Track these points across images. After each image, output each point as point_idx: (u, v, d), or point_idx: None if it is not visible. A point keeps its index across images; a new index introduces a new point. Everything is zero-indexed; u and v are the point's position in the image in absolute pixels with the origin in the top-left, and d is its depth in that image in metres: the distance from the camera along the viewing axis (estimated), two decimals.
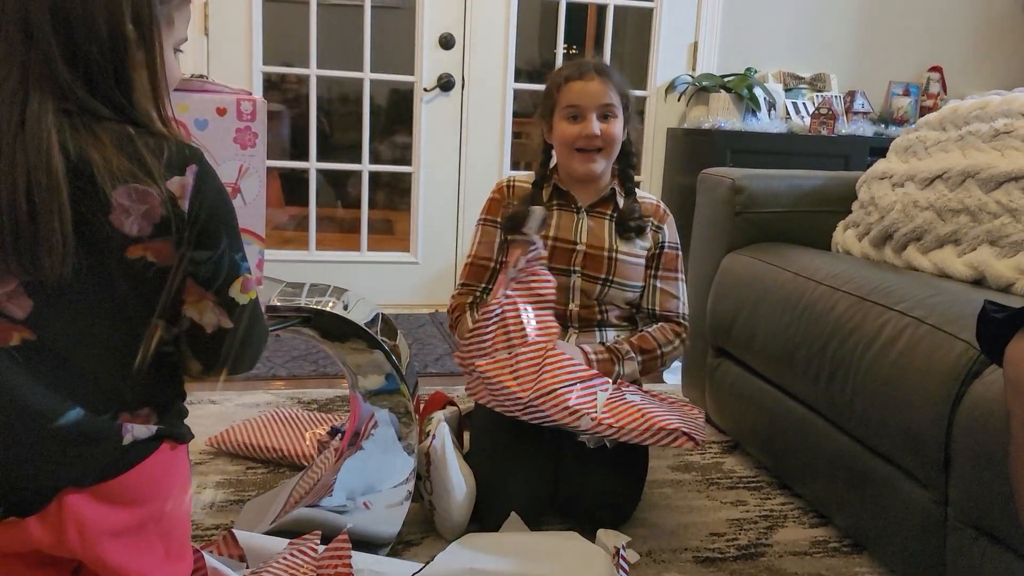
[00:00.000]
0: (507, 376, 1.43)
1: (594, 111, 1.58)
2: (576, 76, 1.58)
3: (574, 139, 1.59)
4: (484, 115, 3.14)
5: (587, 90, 1.57)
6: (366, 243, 3.19)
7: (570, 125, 1.59)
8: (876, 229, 1.80)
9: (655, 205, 1.70)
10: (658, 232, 1.67)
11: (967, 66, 3.50)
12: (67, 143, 0.79)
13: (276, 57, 3.17)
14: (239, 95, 1.52)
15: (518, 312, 1.48)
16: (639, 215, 1.65)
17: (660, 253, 1.67)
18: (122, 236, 0.81)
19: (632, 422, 1.39)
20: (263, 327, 0.98)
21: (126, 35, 0.82)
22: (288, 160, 3.60)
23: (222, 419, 1.97)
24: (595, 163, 1.61)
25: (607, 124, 1.59)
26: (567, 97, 1.59)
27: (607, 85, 1.57)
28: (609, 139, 1.59)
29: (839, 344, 1.47)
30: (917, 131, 1.92)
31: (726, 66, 3.28)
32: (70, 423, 0.81)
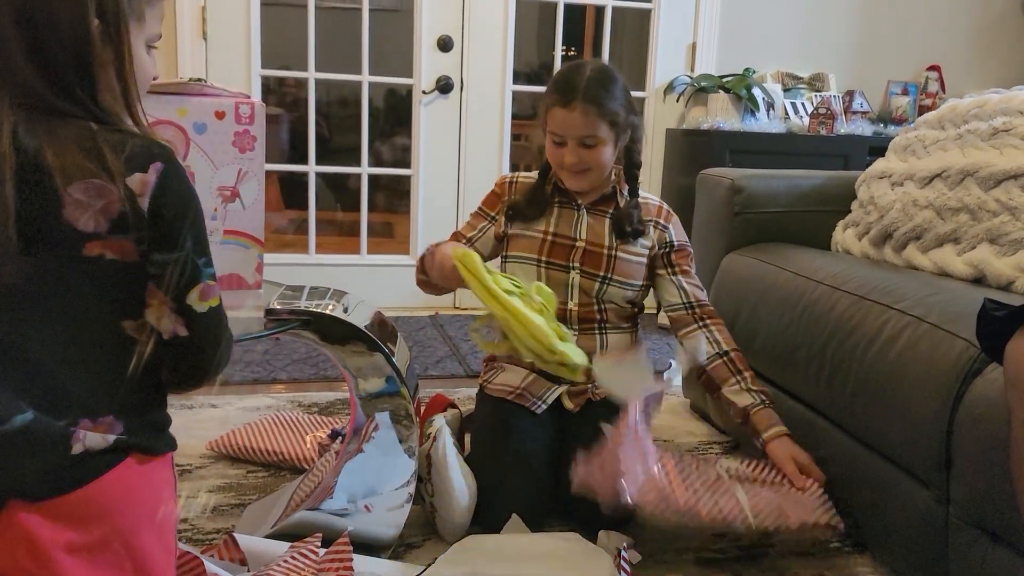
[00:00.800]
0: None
1: (575, 140, 1.56)
2: (561, 103, 1.54)
3: (558, 162, 1.60)
4: (483, 118, 3.14)
5: (569, 121, 1.54)
6: (366, 246, 3.20)
7: (555, 148, 1.59)
8: (876, 228, 1.80)
9: (658, 206, 1.69)
10: (664, 232, 1.66)
11: (966, 65, 3.50)
12: (21, 139, 0.77)
13: (275, 60, 3.17)
14: (238, 99, 1.52)
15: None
16: (638, 219, 1.64)
17: (671, 252, 1.66)
18: (76, 232, 0.79)
19: (776, 520, 1.36)
20: (225, 338, 0.93)
21: (89, 30, 0.80)
22: (287, 163, 3.59)
23: (222, 423, 1.97)
24: (581, 181, 1.61)
25: (589, 151, 1.57)
26: (552, 122, 1.57)
27: (591, 116, 1.53)
28: (591, 164, 1.58)
29: (839, 343, 1.47)
30: (916, 130, 1.92)
31: (724, 66, 3.28)
32: (16, 428, 0.77)
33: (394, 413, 1.43)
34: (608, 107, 1.54)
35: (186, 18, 2.82)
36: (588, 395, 1.65)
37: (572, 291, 1.62)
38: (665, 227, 1.67)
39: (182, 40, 2.83)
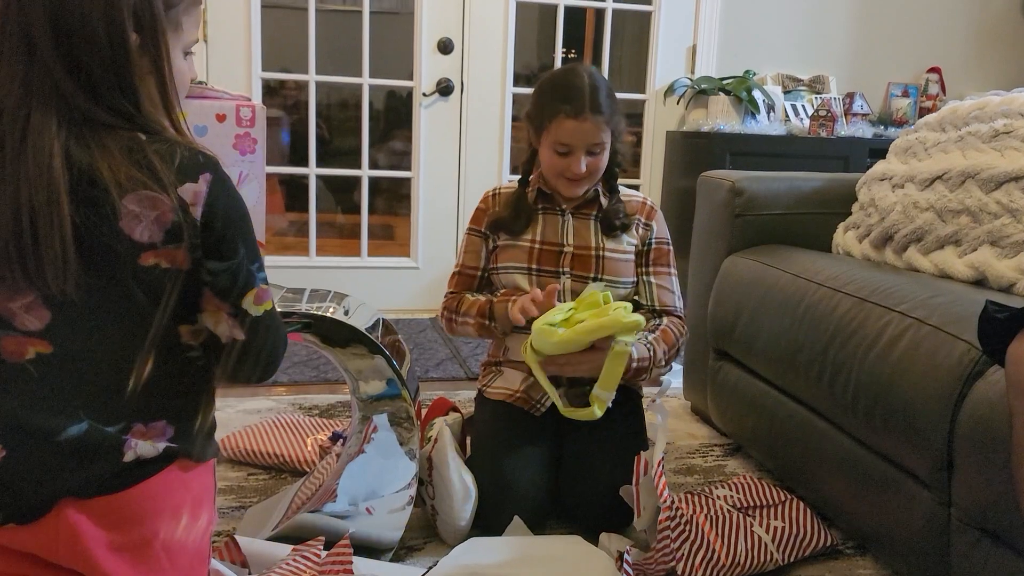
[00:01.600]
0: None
1: (583, 149, 1.55)
2: (572, 115, 1.52)
3: (561, 171, 1.58)
4: (483, 120, 3.15)
5: (581, 131, 1.53)
6: (366, 248, 3.20)
7: (558, 158, 1.57)
8: (877, 230, 1.80)
9: (641, 202, 1.69)
10: (647, 230, 1.67)
11: (966, 67, 3.50)
12: (73, 155, 0.79)
13: (275, 63, 3.18)
14: (238, 101, 1.52)
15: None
16: (624, 214, 1.65)
17: (650, 248, 1.66)
18: (133, 243, 0.81)
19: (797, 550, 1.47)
20: (279, 338, 0.97)
21: (127, 43, 0.81)
22: (288, 166, 3.59)
23: (224, 426, 1.96)
24: (581, 188, 1.61)
25: (595, 158, 1.57)
26: (559, 133, 1.54)
27: (600, 124, 1.53)
28: (595, 170, 1.59)
29: (841, 345, 1.47)
30: (916, 132, 1.93)
31: (725, 69, 3.28)
32: (72, 437, 0.81)
33: (394, 415, 1.43)
34: (609, 113, 1.55)
35: None
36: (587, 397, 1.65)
37: (565, 296, 1.62)
38: (648, 225, 1.67)
39: None
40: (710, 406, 2.02)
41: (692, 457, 1.91)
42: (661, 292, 1.66)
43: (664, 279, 1.66)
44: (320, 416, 2.05)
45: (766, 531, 1.46)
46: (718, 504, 1.55)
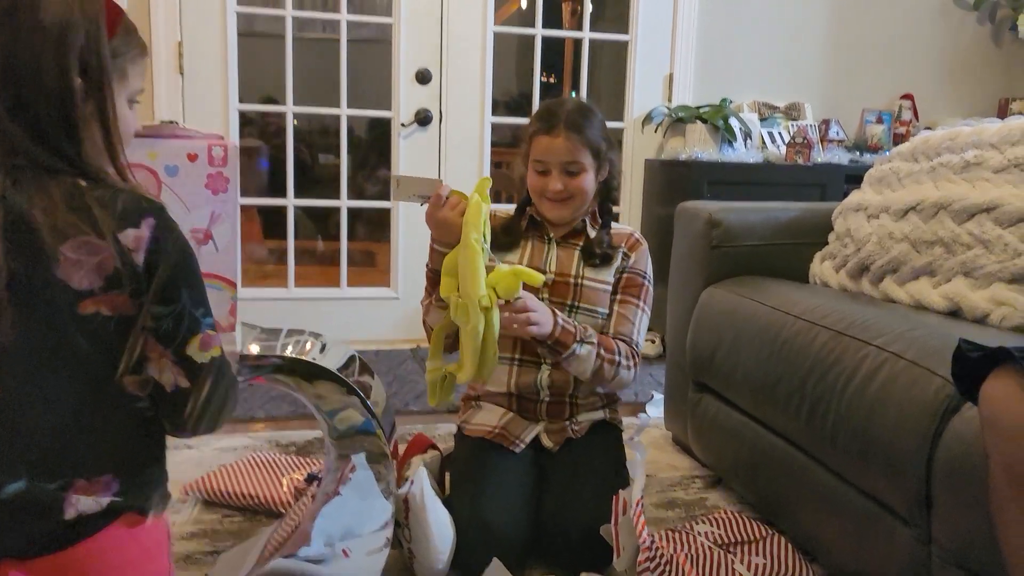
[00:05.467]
0: None
1: (559, 168, 1.58)
2: (545, 131, 1.58)
3: (542, 190, 1.62)
4: (462, 149, 3.15)
5: (552, 148, 1.57)
6: (346, 279, 3.18)
7: (538, 177, 1.61)
8: (853, 261, 1.81)
9: (628, 234, 1.70)
10: (626, 259, 1.67)
11: (938, 93, 3.55)
12: (9, 199, 0.77)
13: (253, 91, 3.16)
14: (211, 140, 1.51)
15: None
16: (608, 244, 1.65)
17: (622, 277, 1.66)
18: (71, 291, 0.79)
19: None
20: (228, 386, 0.94)
21: (73, 88, 0.81)
22: (267, 194, 3.58)
23: (199, 465, 1.94)
24: (564, 210, 1.63)
25: (573, 179, 1.59)
26: (536, 150, 1.60)
27: (575, 142, 1.56)
28: (575, 191, 1.60)
29: (819, 379, 1.47)
30: (890, 162, 1.94)
31: (702, 97, 3.31)
32: (11, 495, 0.78)
33: (370, 455, 1.41)
34: (589, 135, 1.58)
35: (162, 53, 2.82)
36: (568, 433, 1.64)
37: None
38: (627, 255, 1.67)
39: (158, 76, 2.82)
40: (691, 438, 2.01)
41: (674, 490, 1.89)
42: (619, 321, 1.64)
43: (628, 309, 1.65)
44: (297, 453, 2.02)
45: (747, 568, 1.45)
46: (699, 541, 1.54)
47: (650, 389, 2.69)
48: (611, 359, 1.56)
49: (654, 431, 2.30)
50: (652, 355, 3.09)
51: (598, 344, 1.54)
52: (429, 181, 1.50)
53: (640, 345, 1.66)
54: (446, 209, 1.48)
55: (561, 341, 1.50)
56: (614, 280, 1.66)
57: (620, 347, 1.59)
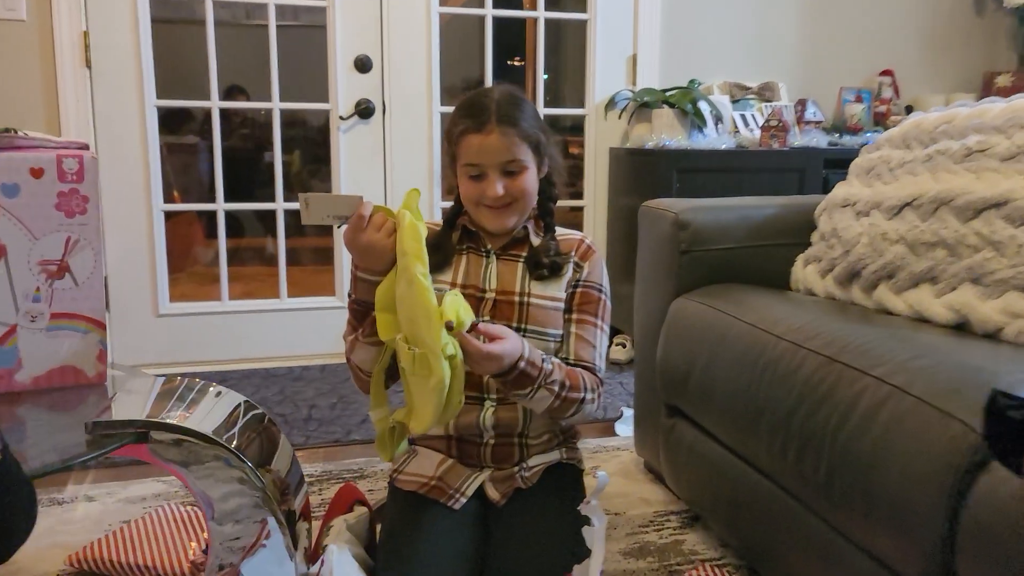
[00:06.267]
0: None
1: (496, 169, 1.34)
2: (474, 128, 1.33)
3: (478, 198, 1.37)
4: (409, 143, 2.88)
5: (486, 147, 1.32)
6: (285, 290, 2.90)
7: (472, 183, 1.36)
8: (841, 265, 1.58)
9: (578, 240, 1.45)
10: (577, 270, 1.42)
11: (919, 68, 3.33)
12: None
13: (175, 87, 2.87)
14: (63, 150, 1.23)
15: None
16: (555, 251, 1.41)
17: (575, 292, 1.42)
18: None
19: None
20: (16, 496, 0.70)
21: None
22: (207, 198, 3.29)
23: (97, 523, 1.67)
24: (506, 218, 1.39)
25: (514, 180, 1.35)
26: (466, 153, 1.34)
27: (511, 137, 1.32)
28: (517, 194, 1.36)
29: (808, 414, 1.23)
30: (879, 150, 1.70)
31: (668, 79, 3.07)
32: None
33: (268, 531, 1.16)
34: (525, 127, 1.34)
35: (65, 44, 2.52)
36: (516, 483, 1.39)
37: None
38: (579, 266, 1.43)
39: (62, 69, 2.52)
40: (664, 467, 1.77)
41: (646, 531, 1.66)
42: (579, 344, 1.40)
43: (586, 330, 1.41)
44: None
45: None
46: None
47: (619, 403, 2.45)
48: (575, 398, 1.32)
49: (624, 455, 2.06)
50: (623, 360, 2.85)
51: (561, 385, 1.30)
52: (347, 199, 1.25)
53: (603, 370, 1.42)
54: (370, 231, 1.23)
55: (526, 373, 1.25)
56: (566, 296, 1.41)
57: (586, 381, 1.35)
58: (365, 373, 1.35)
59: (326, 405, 2.44)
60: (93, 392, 1.23)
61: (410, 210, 1.23)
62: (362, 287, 1.30)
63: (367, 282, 1.28)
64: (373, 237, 1.23)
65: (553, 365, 1.30)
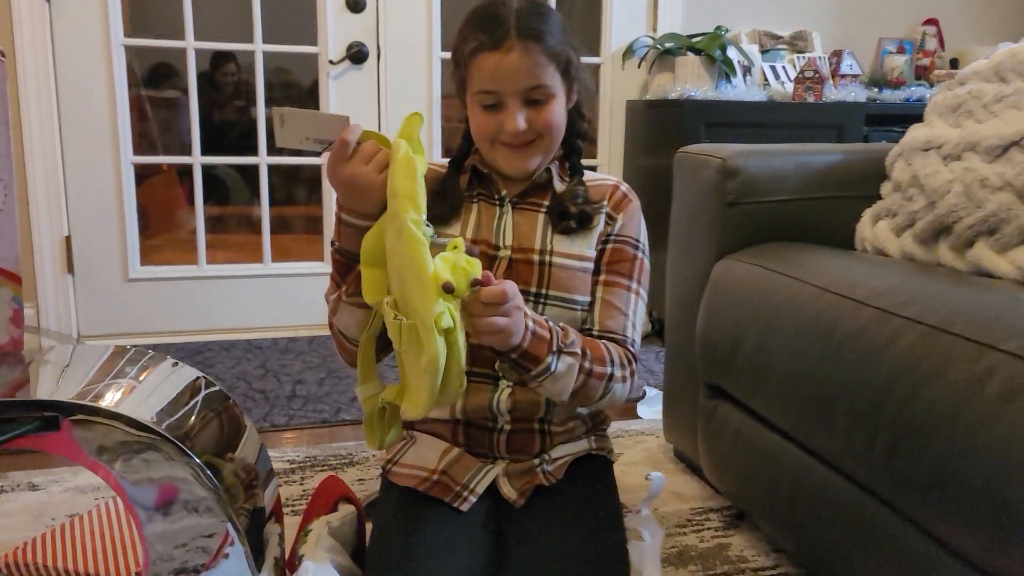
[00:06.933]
0: None
1: (517, 96, 1.07)
2: (490, 46, 1.06)
3: (494, 133, 1.10)
4: (405, 91, 2.60)
5: (504, 68, 1.06)
6: (269, 254, 2.64)
7: (487, 115, 1.10)
8: (924, 219, 1.32)
9: (611, 186, 1.20)
10: (610, 223, 1.17)
11: (966, 18, 3.05)
12: None
13: (153, 28, 2.58)
14: None
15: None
16: (583, 198, 1.15)
17: (607, 247, 1.16)
18: None
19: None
20: None
21: None
22: (178, 154, 3.00)
23: (38, 516, 1.43)
24: (528, 159, 1.13)
25: (539, 110, 1.09)
26: (479, 78, 1.08)
27: (534, 55, 1.06)
28: (542, 128, 1.10)
29: (906, 400, 0.98)
30: (964, 85, 1.44)
31: (691, 25, 2.78)
32: None
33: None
34: (551, 42, 1.07)
35: None
36: (538, 478, 1.14)
37: None
38: (612, 218, 1.17)
39: (17, 1, 2.24)
40: (702, 455, 1.52)
41: (683, 532, 1.41)
42: (606, 311, 1.14)
43: (616, 294, 1.15)
44: None
45: None
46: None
47: (639, 381, 2.20)
48: (600, 372, 1.06)
49: (649, 441, 1.81)
50: (643, 332, 2.60)
51: (582, 352, 1.04)
52: (330, 118, 1.00)
53: (637, 344, 1.16)
54: (356, 162, 0.97)
55: (530, 353, 0.99)
56: (596, 254, 1.16)
57: (612, 352, 1.09)
58: (351, 341, 1.10)
59: (313, 381, 2.19)
60: (3, 362, 0.97)
61: (408, 140, 0.98)
62: (347, 233, 1.04)
63: (352, 227, 1.03)
64: (359, 170, 0.97)
65: (565, 329, 1.04)
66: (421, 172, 0.95)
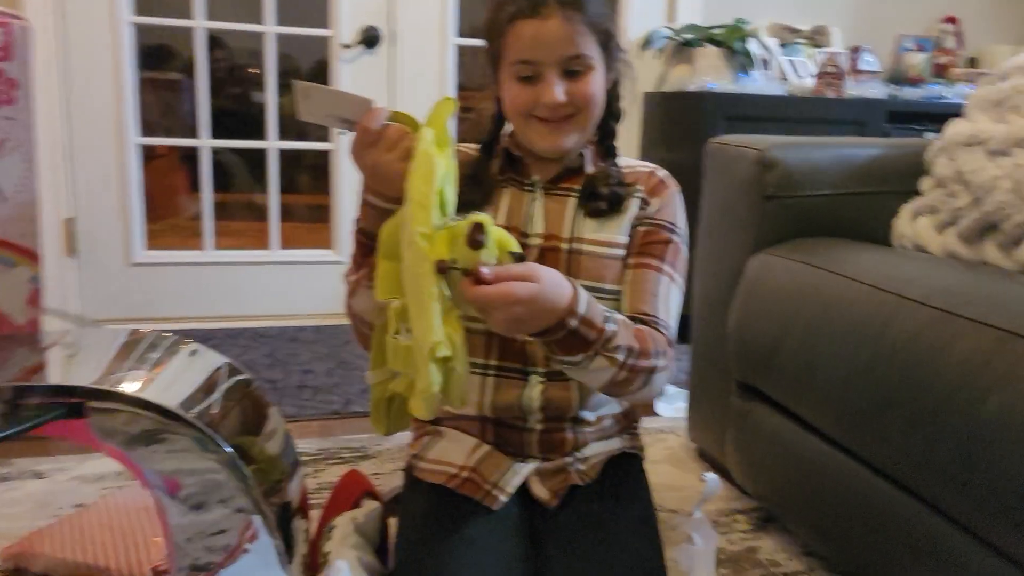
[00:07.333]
0: None
1: (556, 67, 1.02)
2: (528, 12, 1.00)
3: (530, 107, 1.04)
4: (420, 78, 2.55)
5: (543, 36, 1.00)
6: (278, 239, 2.58)
7: (523, 88, 1.03)
8: (970, 217, 1.27)
9: (648, 172, 1.13)
10: (645, 208, 1.10)
11: (986, 16, 3.01)
12: None
13: (147, 8, 2.51)
14: None
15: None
16: (617, 181, 1.09)
17: (638, 230, 1.09)
18: None
19: None
20: None
21: None
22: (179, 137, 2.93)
23: (44, 506, 1.38)
24: (564, 135, 1.06)
25: (577, 82, 1.03)
26: (516, 47, 1.02)
27: (575, 23, 1.00)
28: (583, 102, 1.04)
29: (973, 404, 0.93)
30: (1006, 80, 1.39)
31: (711, 17, 2.73)
32: None
33: None
34: (594, 12, 1.01)
35: None
36: (571, 478, 1.09)
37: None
38: (647, 202, 1.11)
39: None
40: (730, 457, 1.48)
41: None
42: (637, 293, 1.06)
43: (647, 276, 1.07)
44: None
45: None
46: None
47: None
48: (644, 367, 0.99)
49: (670, 439, 1.77)
50: None
51: (629, 348, 0.97)
52: (354, 99, 0.94)
53: (673, 330, 1.10)
54: (380, 149, 0.92)
55: (579, 334, 0.91)
56: (628, 239, 1.10)
57: (655, 340, 1.02)
58: (366, 325, 1.04)
59: (323, 371, 2.14)
60: (21, 345, 0.92)
61: (436, 129, 0.91)
62: (370, 215, 0.99)
63: (377, 208, 0.98)
64: (382, 158, 0.92)
65: (617, 324, 0.96)
66: (441, 172, 0.88)
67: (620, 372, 0.96)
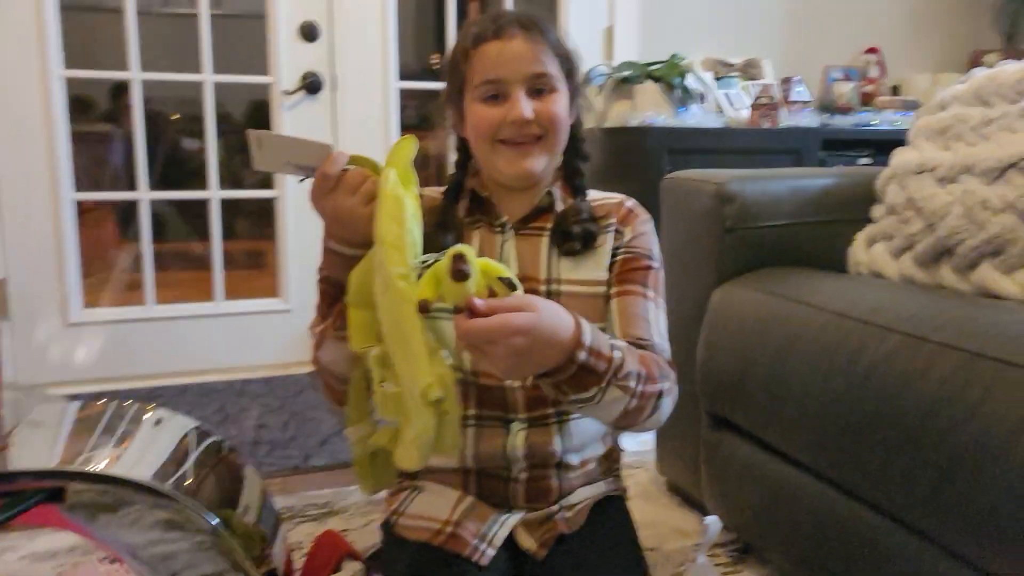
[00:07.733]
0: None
1: (522, 85, 1.02)
2: (492, 35, 1.02)
3: (496, 127, 1.03)
4: (363, 123, 2.53)
5: (508, 54, 1.01)
6: (222, 291, 2.51)
7: (488, 108, 1.03)
8: (924, 242, 1.31)
9: (616, 203, 1.13)
10: (619, 237, 1.10)
11: (904, 47, 3.15)
12: None
13: (93, 61, 2.45)
14: None
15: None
16: (587, 216, 1.09)
17: (616, 260, 1.09)
18: None
19: None
20: None
21: None
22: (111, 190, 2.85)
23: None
24: (532, 158, 1.05)
25: (543, 101, 1.03)
26: (481, 67, 1.02)
27: (538, 43, 1.01)
28: (548, 122, 1.03)
29: (951, 429, 0.95)
30: (945, 109, 1.45)
31: (647, 54, 2.79)
32: None
33: None
34: (554, 39, 1.04)
35: None
36: (558, 527, 1.07)
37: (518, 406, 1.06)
38: (620, 232, 1.10)
39: None
40: (705, 489, 1.48)
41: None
42: (627, 319, 1.05)
43: (634, 302, 1.06)
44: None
45: None
46: None
47: None
48: (652, 391, 0.95)
49: (639, 474, 1.77)
50: None
51: (637, 374, 0.93)
52: (311, 145, 0.92)
53: (668, 352, 1.08)
54: (341, 194, 0.91)
55: (589, 368, 0.87)
56: (607, 272, 1.09)
57: (659, 363, 1.00)
58: (337, 379, 1.01)
59: (277, 425, 2.07)
60: None
61: (398, 169, 0.89)
62: (334, 262, 0.97)
63: (340, 256, 0.96)
64: (344, 203, 0.91)
65: (622, 351, 0.92)
66: (410, 212, 0.87)
67: (632, 400, 0.93)
